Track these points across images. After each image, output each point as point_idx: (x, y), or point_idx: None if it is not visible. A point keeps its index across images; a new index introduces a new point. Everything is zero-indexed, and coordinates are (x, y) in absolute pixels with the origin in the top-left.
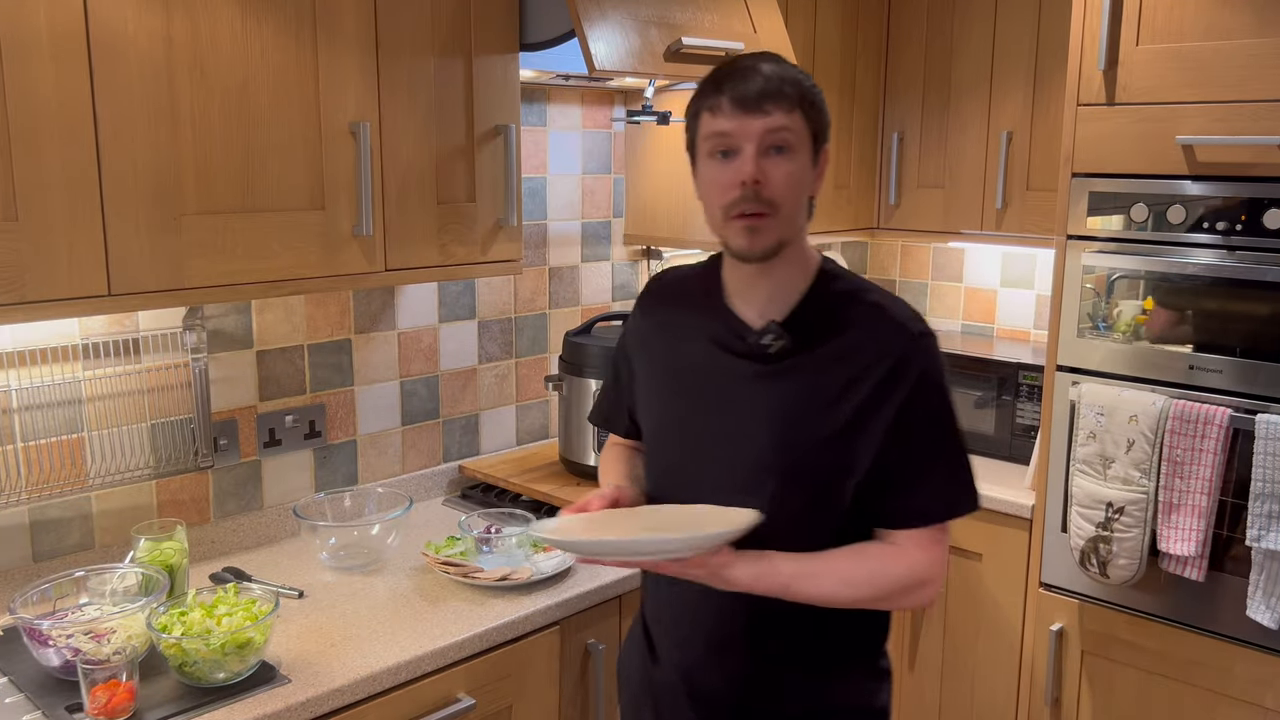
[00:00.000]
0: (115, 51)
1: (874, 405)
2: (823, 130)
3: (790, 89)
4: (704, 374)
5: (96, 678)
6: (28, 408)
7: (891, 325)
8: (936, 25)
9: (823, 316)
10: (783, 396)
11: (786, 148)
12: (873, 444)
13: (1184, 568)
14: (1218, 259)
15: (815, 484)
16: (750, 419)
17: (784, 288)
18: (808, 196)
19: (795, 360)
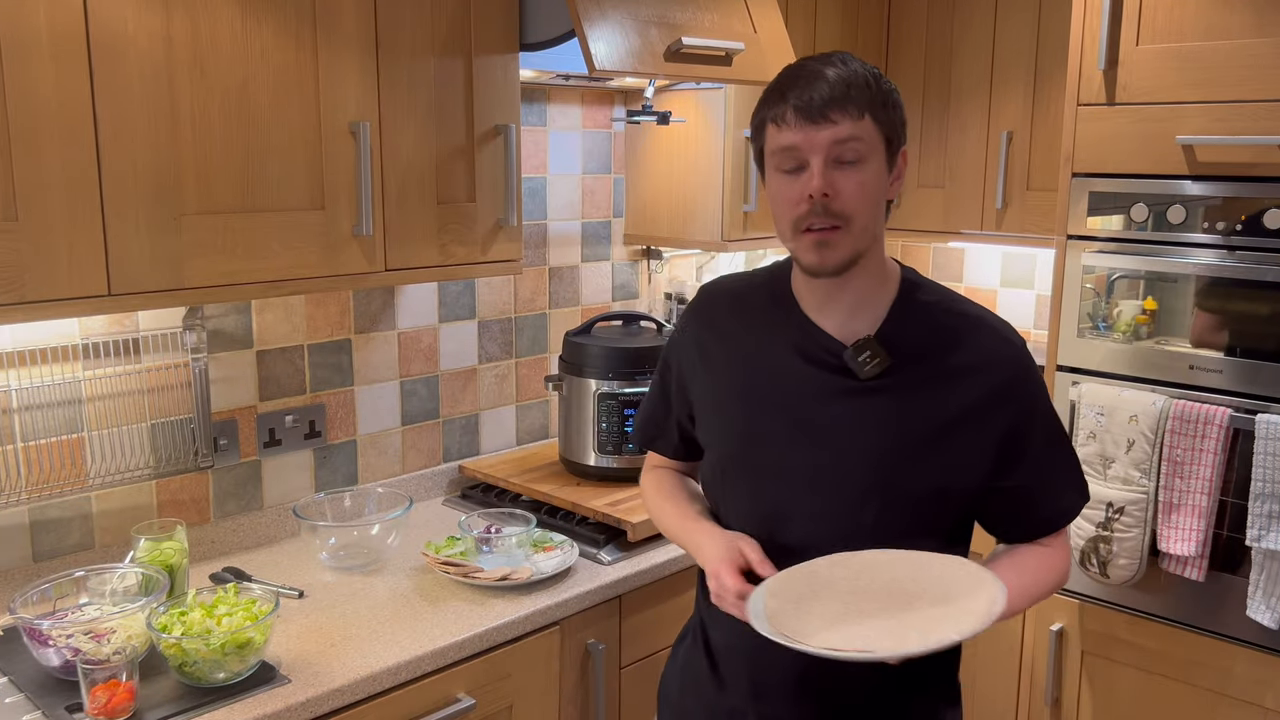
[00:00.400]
0: (115, 51)
1: (982, 423)
2: (897, 132)
3: (858, 94)
4: (788, 390)
5: (96, 678)
6: (28, 408)
7: (995, 339)
8: (936, 25)
9: (916, 330)
10: (878, 415)
11: (857, 157)
12: (984, 463)
13: (1184, 568)
14: (1218, 259)
15: (918, 505)
16: (847, 439)
17: (868, 299)
18: (885, 203)
19: (892, 378)
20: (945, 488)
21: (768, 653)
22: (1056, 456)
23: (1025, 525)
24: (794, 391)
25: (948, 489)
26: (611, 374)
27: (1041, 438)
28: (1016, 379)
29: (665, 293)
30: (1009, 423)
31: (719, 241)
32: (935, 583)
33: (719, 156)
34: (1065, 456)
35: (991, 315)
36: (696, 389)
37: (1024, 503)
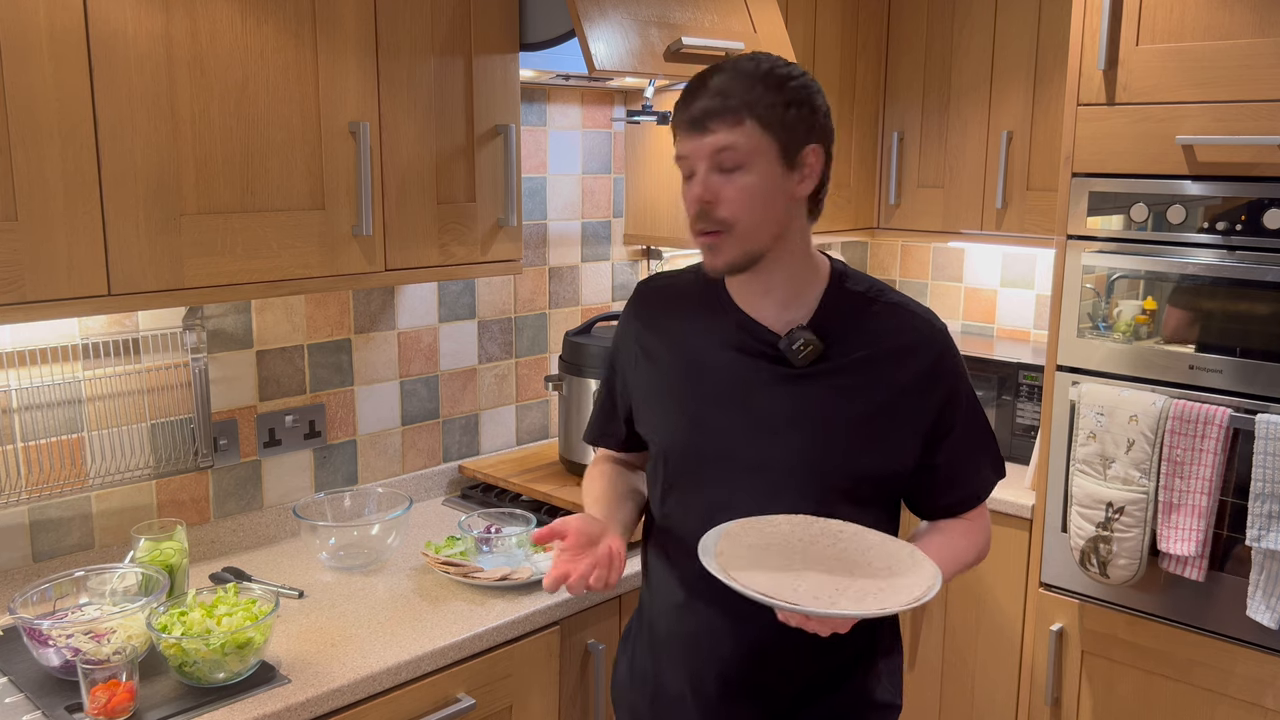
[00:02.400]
0: (115, 51)
1: (913, 405)
2: (795, 131)
3: (736, 100)
4: (727, 380)
5: (96, 678)
6: (28, 408)
7: (920, 324)
8: (937, 25)
9: (846, 319)
10: (815, 401)
11: (736, 165)
12: (915, 443)
13: (1184, 568)
14: (1218, 259)
15: (857, 487)
16: (782, 424)
17: (797, 291)
18: (790, 201)
19: (826, 365)
20: (882, 468)
21: (704, 641)
22: (977, 433)
23: (949, 501)
24: (732, 381)
25: (884, 470)
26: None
27: (965, 415)
28: (943, 360)
29: None
30: (938, 403)
31: None
32: (880, 560)
33: None
34: (984, 432)
35: (916, 303)
36: (637, 383)
37: (948, 479)
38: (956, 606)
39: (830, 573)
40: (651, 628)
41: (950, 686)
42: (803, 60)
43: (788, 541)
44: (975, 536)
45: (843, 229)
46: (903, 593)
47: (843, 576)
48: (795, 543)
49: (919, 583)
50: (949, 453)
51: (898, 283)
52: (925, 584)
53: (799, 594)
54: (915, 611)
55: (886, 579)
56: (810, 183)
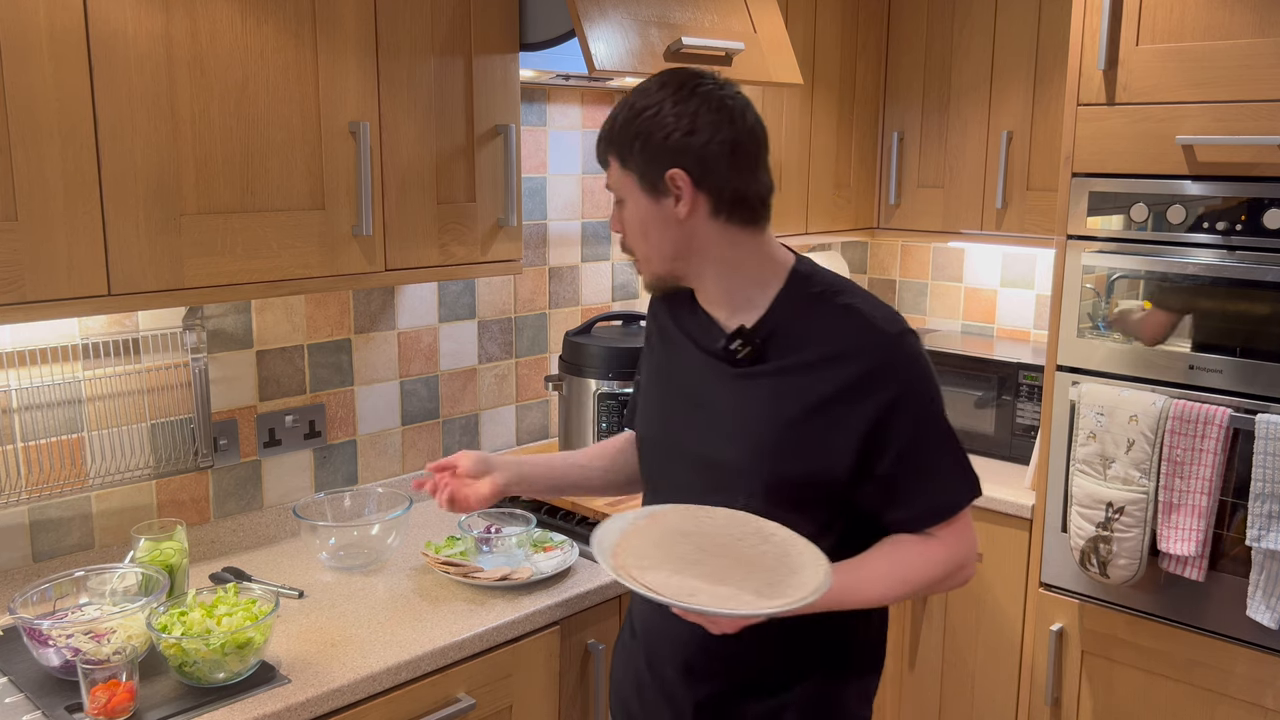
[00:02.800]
0: (115, 51)
1: (847, 410)
2: (645, 162)
3: (603, 144)
4: (685, 376)
5: (96, 678)
6: (28, 408)
7: (864, 328)
8: (936, 25)
9: (794, 320)
10: (753, 400)
11: (620, 199)
12: (850, 450)
13: (1184, 568)
14: (1218, 259)
15: (793, 489)
16: (723, 421)
17: (745, 293)
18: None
19: (767, 365)
20: (816, 471)
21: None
22: (930, 447)
23: (901, 516)
24: (690, 379)
25: (818, 473)
26: (611, 374)
27: (911, 428)
28: (883, 367)
29: None
30: (877, 409)
31: None
32: (774, 557)
33: None
34: (940, 447)
35: (873, 305)
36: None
37: (896, 492)
38: (956, 606)
39: (724, 573)
40: (631, 618)
41: (950, 686)
42: (803, 60)
43: (713, 535)
44: (932, 555)
45: (843, 229)
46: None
47: (733, 579)
48: (720, 537)
49: (796, 590)
50: (894, 465)
51: (897, 283)
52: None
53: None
54: (915, 612)
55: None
56: (686, 205)
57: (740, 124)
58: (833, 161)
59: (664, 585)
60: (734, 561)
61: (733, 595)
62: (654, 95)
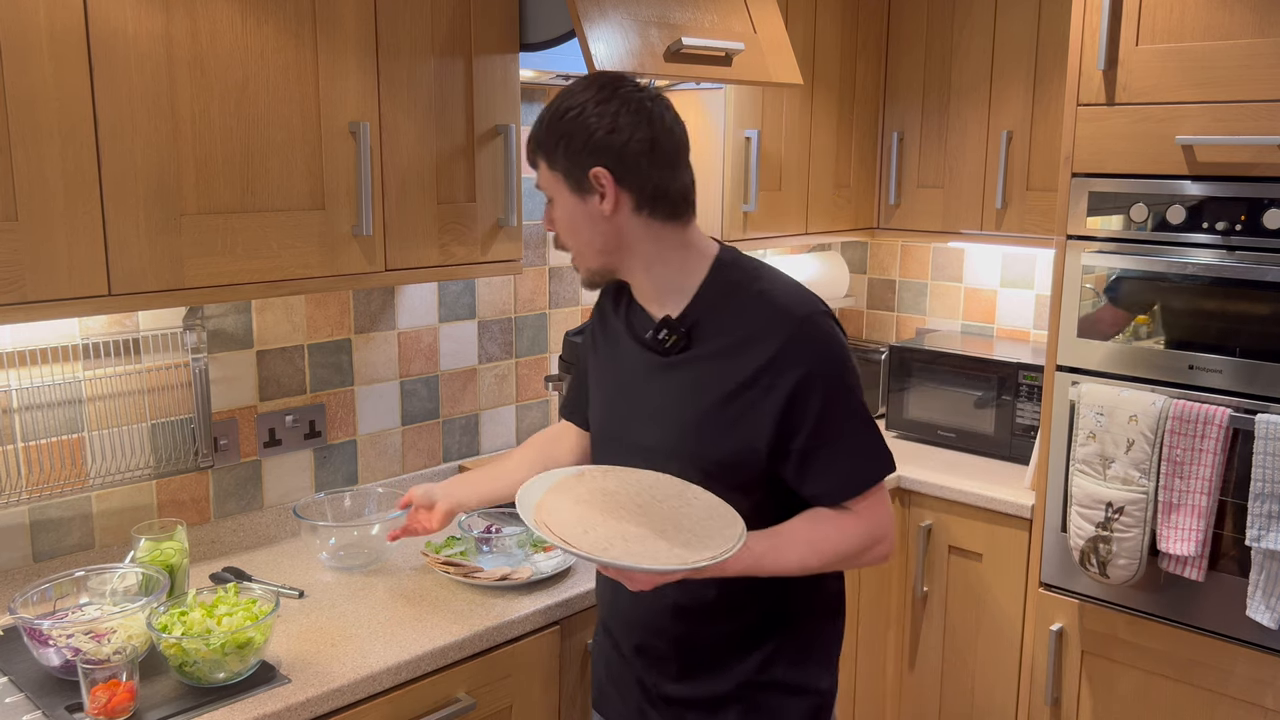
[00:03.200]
0: (115, 51)
1: (762, 392)
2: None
3: (531, 144)
4: (625, 366)
5: (96, 678)
6: (28, 408)
7: (773, 311)
8: (936, 25)
9: (713, 309)
10: (676, 387)
11: (549, 197)
12: (766, 429)
13: (1184, 568)
14: (1218, 259)
15: (720, 470)
16: (656, 411)
17: (671, 284)
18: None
19: (689, 352)
20: (739, 452)
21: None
22: (841, 423)
23: (816, 490)
24: (627, 369)
25: (741, 453)
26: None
27: (821, 405)
28: (791, 346)
29: None
30: (787, 389)
31: None
32: (695, 519)
33: (719, 156)
34: (853, 425)
35: (785, 290)
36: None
37: (808, 467)
38: (956, 606)
39: (652, 529)
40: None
41: (950, 686)
42: (803, 60)
43: (635, 495)
44: (848, 527)
45: (842, 229)
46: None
47: (649, 535)
48: (642, 497)
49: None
50: (807, 440)
51: (897, 283)
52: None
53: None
54: (915, 611)
55: (692, 541)
56: (610, 202)
57: (659, 124)
58: (833, 161)
59: (580, 539)
60: (654, 520)
61: (648, 552)
62: (578, 97)
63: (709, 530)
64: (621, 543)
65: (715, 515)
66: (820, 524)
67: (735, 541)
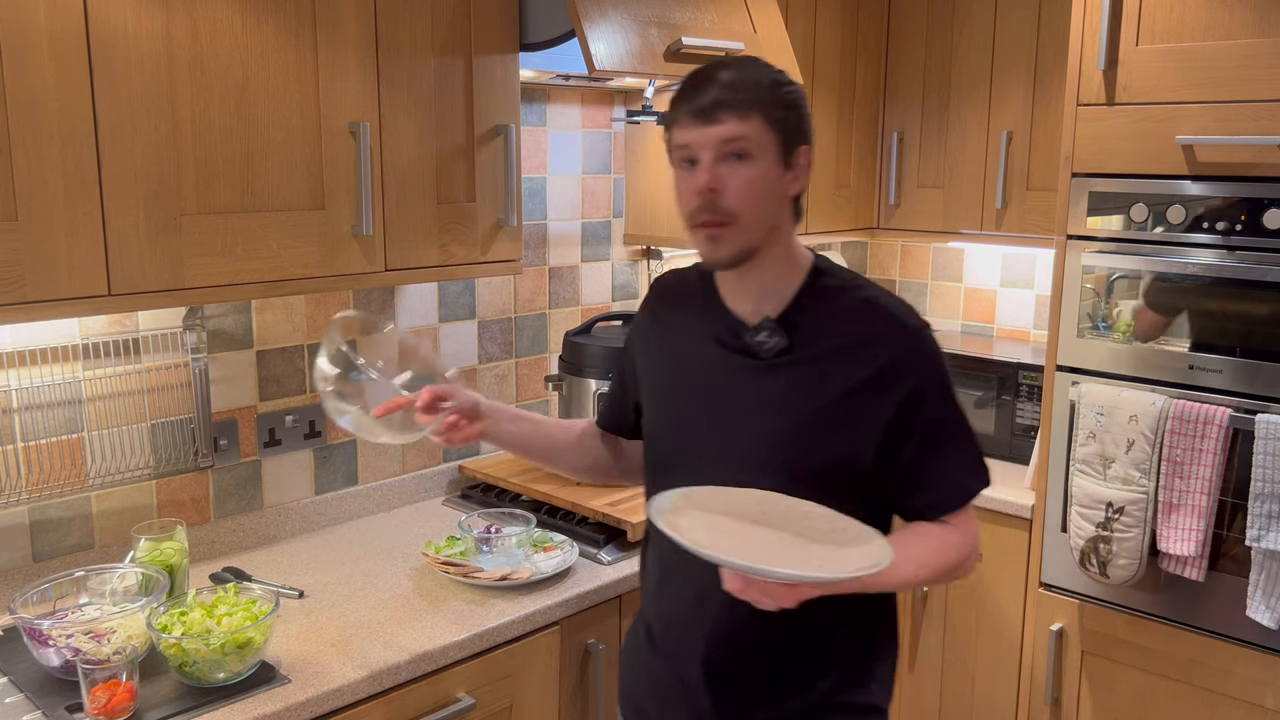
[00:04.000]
0: (115, 51)
1: (870, 400)
2: (794, 132)
3: (745, 95)
4: (703, 370)
5: (96, 678)
6: (28, 408)
7: (885, 320)
8: (936, 25)
9: (816, 313)
10: (778, 392)
11: (744, 155)
12: (874, 439)
13: (1184, 568)
14: (1218, 259)
15: (815, 481)
16: (745, 414)
17: (774, 286)
18: (784, 199)
19: (790, 357)
20: (838, 464)
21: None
22: (949, 436)
23: (919, 503)
24: (704, 373)
25: (841, 465)
26: (611, 374)
27: (932, 417)
28: (905, 358)
29: None
30: (898, 400)
31: None
32: (837, 535)
33: None
34: (958, 437)
35: (892, 300)
36: (642, 375)
37: (915, 480)
38: (956, 606)
39: (783, 541)
40: (645, 619)
41: (950, 686)
42: (803, 60)
43: (750, 513)
44: (950, 540)
45: (843, 229)
46: (847, 563)
47: (794, 545)
48: (758, 514)
49: (867, 557)
50: (914, 453)
51: (897, 283)
52: (873, 559)
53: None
54: (915, 611)
55: (836, 550)
56: (800, 183)
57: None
58: (833, 161)
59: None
60: (783, 535)
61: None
62: (780, 75)
63: (843, 540)
64: (778, 556)
65: (841, 526)
66: (927, 539)
67: (887, 551)
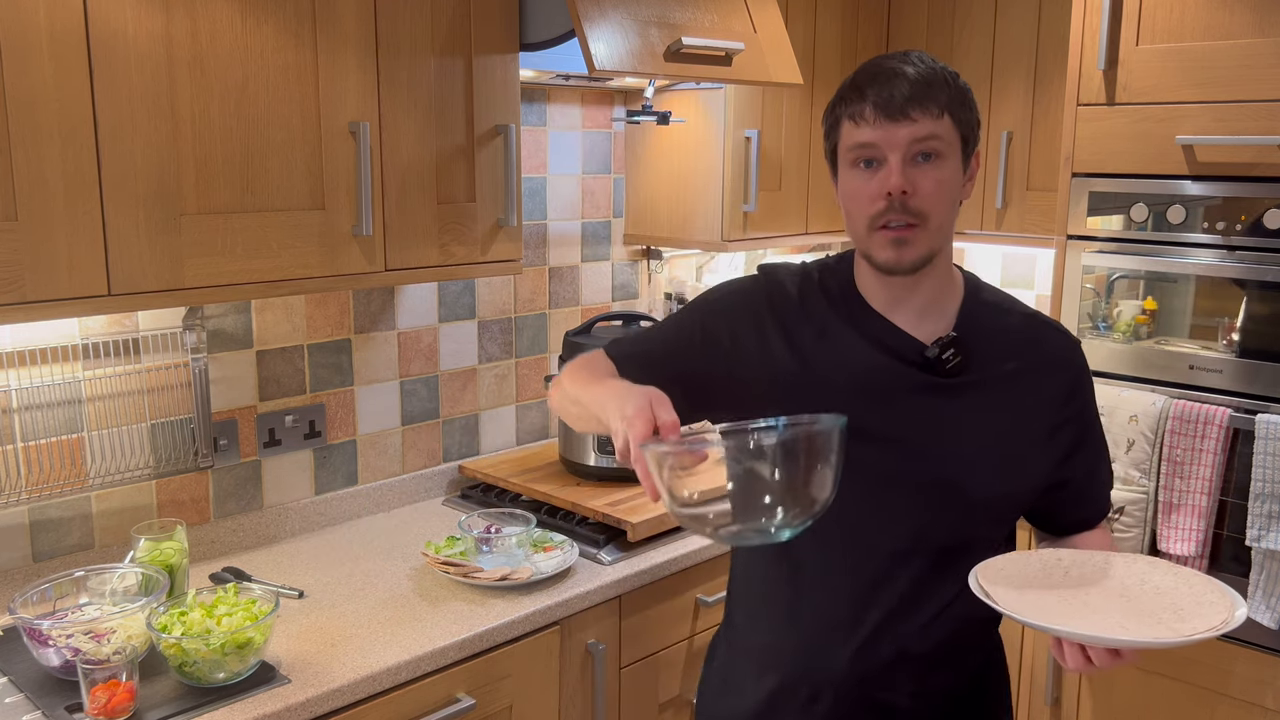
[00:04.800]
0: (115, 51)
1: (1055, 422)
2: (974, 133)
3: (938, 92)
4: (865, 381)
5: (96, 678)
6: (28, 408)
7: (1058, 337)
8: (936, 25)
9: (985, 330)
10: (959, 413)
11: (935, 155)
12: (1057, 455)
13: None
14: (1218, 259)
15: (995, 501)
16: (923, 436)
17: (937, 299)
18: (958, 204)
19: (972, 376)
20: (1023, 484)
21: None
22: (1101, 445)
23: (1083, 515)
24: (872, 385)
25: (1025, 485)
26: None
27: (1094, 430)
28: (1082, 377)
29: (665, 293)
30: (1074, 419)
31: (719, 242)
32: (1155, 589)
33: (719, 156)
34: (1104, 443)
35: (1043, 314)
36: (748, 369)
37: (1081, 494)
38: None
39: (1102, 605)
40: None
41: None
42: (802, 61)
43: (1026, 577)
44: (1109, 545)
45: (843, 229)
46: (1197, 619)
47: (1132, 611)
48: (1033, 578)
49: (1217, 607)
50: (1080, 467)
51: None
52: (1225, 607)
53: (1105, 630)
54: None
55: (1179, 609)
56: (971, 186)
57: None
58: None
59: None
60: (1086, 594)
61: (1150, 626)
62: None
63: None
64: (1120, 622)
65: (1119, 571)
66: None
67: (1231, 599)
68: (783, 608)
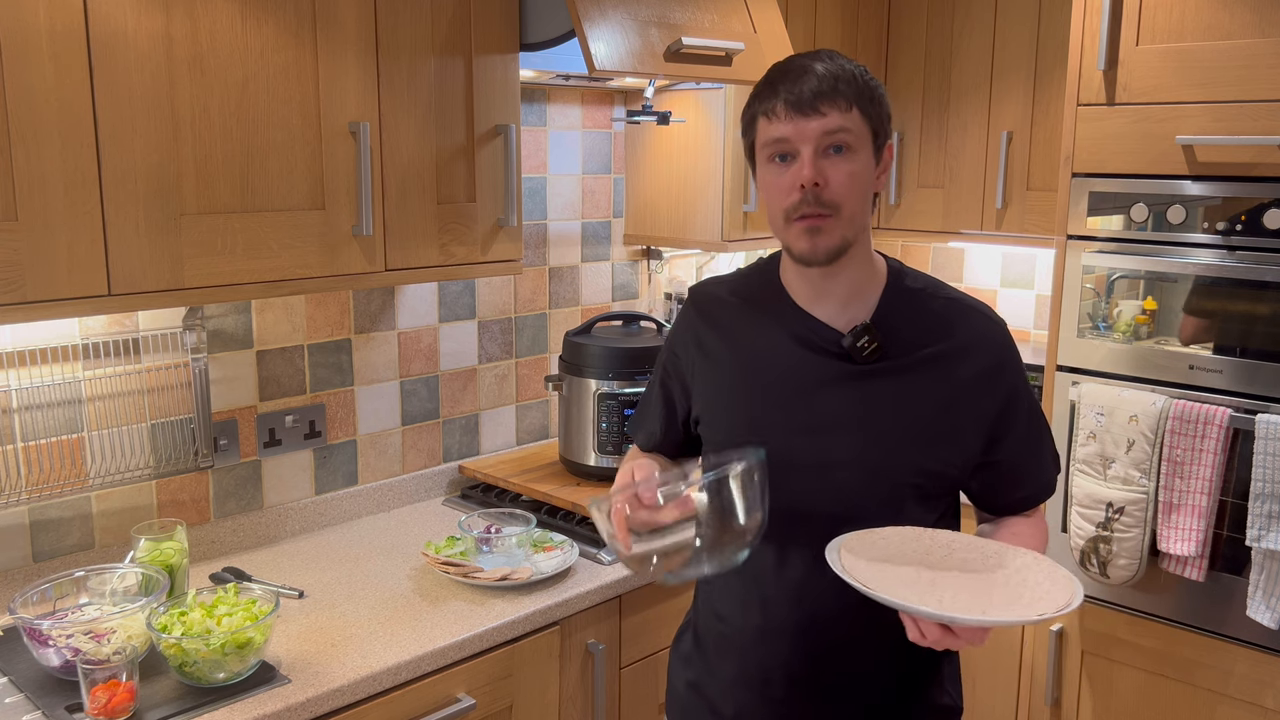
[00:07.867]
0: (115, 51)
1: (975, 403)
2: (883, 126)
3: (846, 86)
4: (787, 378)
5: (96, 678)
6: (28, 408)
7: (983, 321)
8: (936, 25)
9: (906, 316)
10: (878, 399)
11: (845, 147)
12: (978, 440)
13: (1184, 568)
14: (1218, 259)
15: (920, 484)
16: (845, 423)
17: (858, 289)
18: (871, 194)
19: (888, 362)
20: (945, 466)
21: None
22: (1037, 431)
23: (1016, 498)
24: (794, 381)
25: (948, 467)
26: (611, 374)
27: (1025, 413)
28: (1005, 358)
29: (665, 293)
30: (999, 400)
31: (719, 241)
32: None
33: (719, 156)
34: (1044, 430)
35: (969, 297)
36: (699, 386)
37: (1013, 476)
38: None
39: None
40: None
41: None
42: None
43: (903, 553)
44: (1041, 530)
45: None
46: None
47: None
48: (910, 554)
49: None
50: (1011, 449)
51: None
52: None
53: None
54: None
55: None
56: (885, 178)
57: None
58: None
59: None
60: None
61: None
62: (861, 66)
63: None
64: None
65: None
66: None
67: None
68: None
